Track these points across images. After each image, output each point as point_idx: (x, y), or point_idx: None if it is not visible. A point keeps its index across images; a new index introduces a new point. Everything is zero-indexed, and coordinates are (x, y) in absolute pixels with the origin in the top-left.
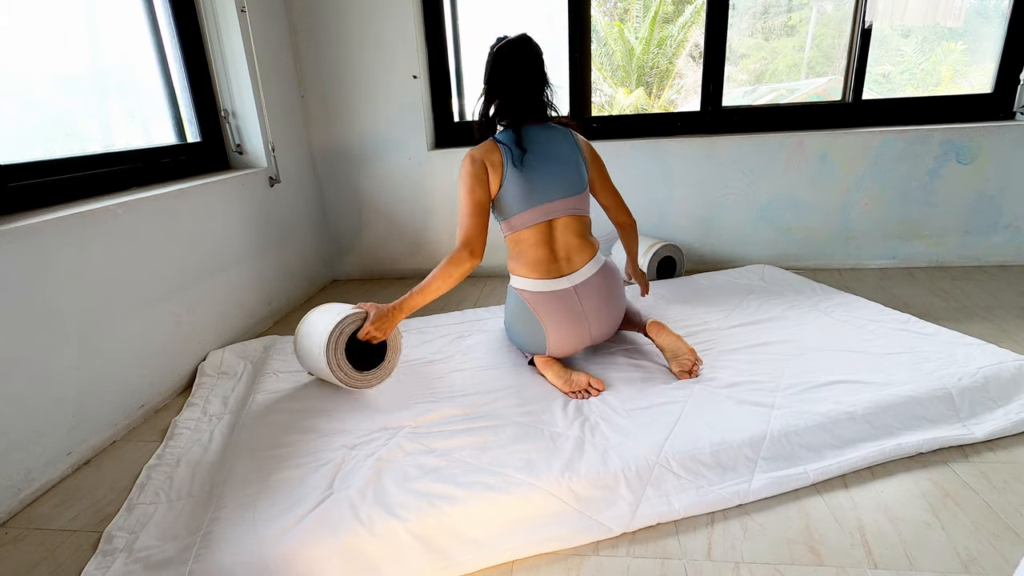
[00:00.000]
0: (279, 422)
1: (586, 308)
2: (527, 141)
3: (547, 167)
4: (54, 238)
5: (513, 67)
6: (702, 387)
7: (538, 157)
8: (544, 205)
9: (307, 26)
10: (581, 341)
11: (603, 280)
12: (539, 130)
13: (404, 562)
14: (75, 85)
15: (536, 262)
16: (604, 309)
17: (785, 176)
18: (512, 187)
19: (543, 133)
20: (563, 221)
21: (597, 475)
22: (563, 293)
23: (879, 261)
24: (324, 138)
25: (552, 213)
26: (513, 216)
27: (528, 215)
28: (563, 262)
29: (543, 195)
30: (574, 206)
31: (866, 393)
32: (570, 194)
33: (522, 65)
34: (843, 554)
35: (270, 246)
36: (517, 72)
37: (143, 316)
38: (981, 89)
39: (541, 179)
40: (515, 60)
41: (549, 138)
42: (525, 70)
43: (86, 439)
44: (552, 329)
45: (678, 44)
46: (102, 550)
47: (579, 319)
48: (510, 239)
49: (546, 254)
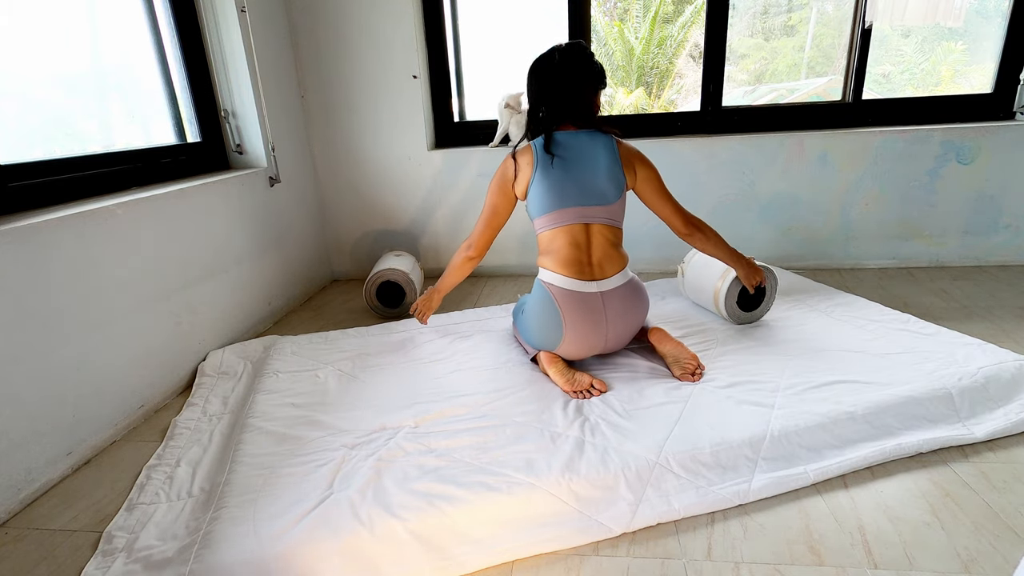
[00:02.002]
0: (279, 422)
1: (609, 315)
2: (562, 146)
3: (578, 173)
4: (54, 238)
5: (552, 73)
6: (702, 387)
7: (570, 162)
8: (579, 208)
9: (307, 26)
10: (595, 346)
11: (629, 292)
12: (576, 135)
13: (404, 562)
14: (75, 85)
15: (569, 260)
16: (625, 320)
17: (785, 176)
18: (541, 187)
19: (580, 139)
20: (598, 228)
21: (597, 475)
22: (591, 296)
23: (879, 261)
24: (324, 138)
25: (587, 218)
26: (544, 215)
27: (559, 215)
28: (595, 267)
29: (575, 199)
30: (608, 216)
31: (866, 393)
32: (606, 202)
33: (561, 72)
34: (843, 554)
35: (270, 246)
36: (555, 78)
37: (143, 316)
38: (981, 89)
39: (573, 183)
40: (554, 66)
41: (585, 144)
42: (563, 77)
43: (86, 439)
44: (571, 328)
45: (678, 44)
46: (102, 550)
47: (600, 324)
48: (543, 237)
49: (580, 255)
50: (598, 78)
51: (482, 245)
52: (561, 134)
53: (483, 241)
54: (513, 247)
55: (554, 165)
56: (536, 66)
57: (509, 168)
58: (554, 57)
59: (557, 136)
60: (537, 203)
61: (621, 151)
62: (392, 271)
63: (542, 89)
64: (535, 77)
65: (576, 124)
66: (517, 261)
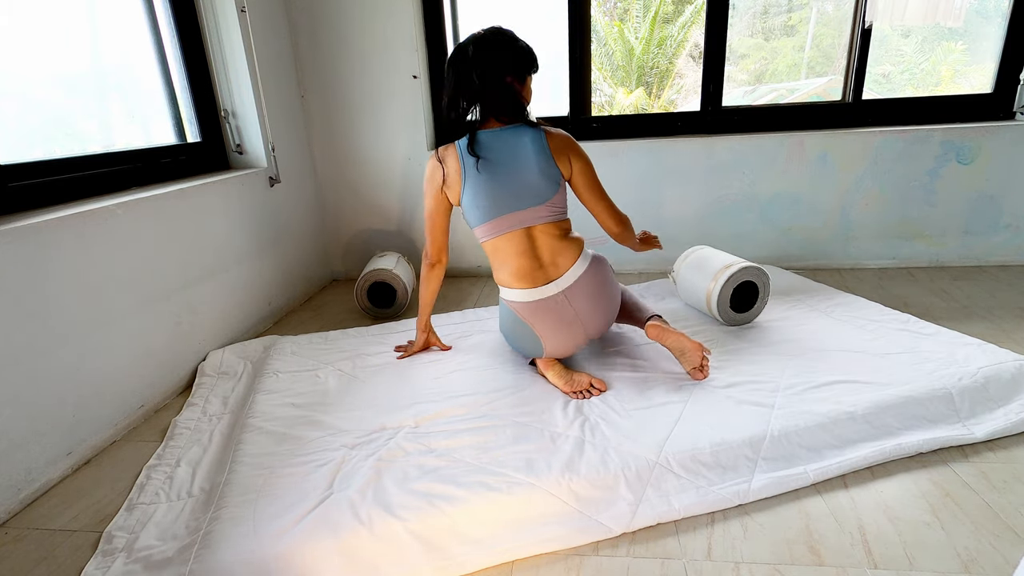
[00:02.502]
0: (279, 422)
1: (578, 310)
2: (486, 147)
3: (509, 175)
4: (54, 238)
5: (468, 66)
6: (702, 387)
7: (498, 165)
8: (514, 214)
9: (307, 26)
10: (577, 342)
11: (592, 278)
12: (501, 133)
13: (404, 562)
14: (75, 85)
15: (521, 272)
16: (596, 307)
17: (785, 176)
18: (472, 197)
19: (505, 137)
20: (541, 228)
21: (597, 475)
22: (552, 300)
23: (879, 261)
24: (324, 138)
25: (526, 221)
26: (481, 225)
27: (496, 224)
28: (549, 267)
29: (510, 204)
30: (547, 213)
31: (866, 393)
32: (539, 202)
33: (478, 64)
34: (843, 554)
35: (270, 246)
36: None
37: (143, 316)
38: (981, 89)
39: (504, 187)
40: (457, 63)
41: (511, 142)
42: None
43: (86, 439)
44: (546, 335)
45: (678, 44)
46: (102, 550)
47: (572, 322)
48: (486, 247)
49: (529, 262)
50: (525, 63)
51: (436, 251)
52: (485, 133)
53: (435, 248)
54: None
55: (481, 170)
56: (452, 59)
57: (437, 173)
58: (468, 48)
59: (481, 136)
60: (472, 213)
61: (552, 143)
62: (379, 272)
63: (459, 84)
64: (451, 70)
65: (500, 120)
66: None
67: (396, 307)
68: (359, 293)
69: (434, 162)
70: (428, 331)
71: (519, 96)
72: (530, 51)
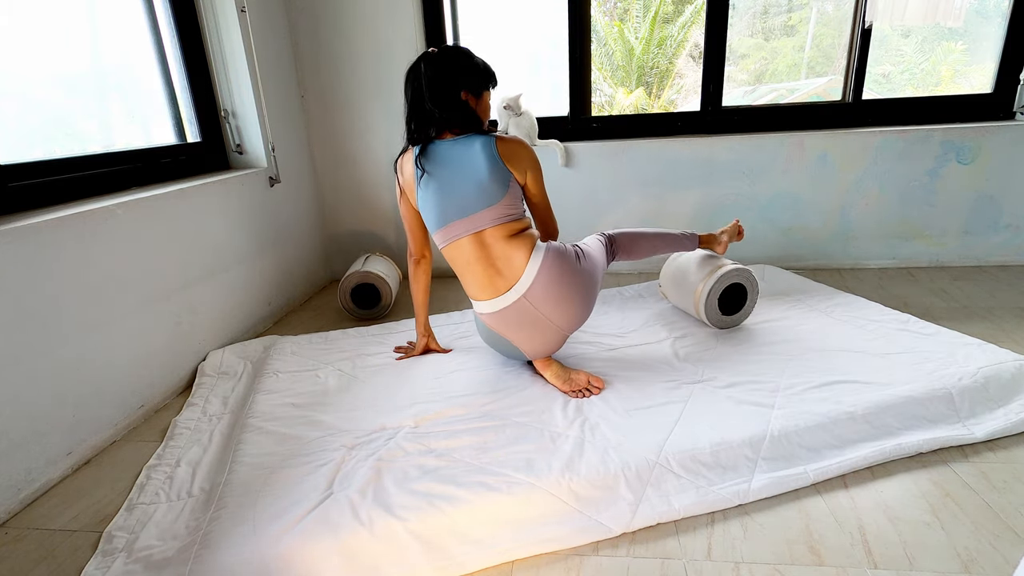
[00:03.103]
0: (279, 422)
1: (543, 311)
2: (438, 157)
3: (457, 183)
4: (54, 238)
5: (410, 86)
6: (702, 387)
7: (448, 172)
8: (461, 221)
9: (307, 26)
10: (555, 339)
11: (549, 273)
12: (454, 144)
13: (404, 562)
14: (75, 85)
15: (480, 282)
16: (561, 304)
17: (785, 176)
18: (424, 203)
19: (456, 147)
20: (490, 232)
21: (597, 475)
22: (515, 306)
23: (879, 261)
24: (324, 138)
25: (474, 227)
26: (435, 232)
27: (447, 231)
28: (506, 271)
29: (458, 211)
30: (498, 215)
31: (866, 393)
32: (489, 204)
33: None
34: (843, 554)
35: (270, 246)
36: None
37: (143, 316)
38: (981, 89)
39: (452, 195)
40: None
41: (461, 152)
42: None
43: (86, 439)
44: (521, 342)
45: (678, 44)
46: (102, 550)
47: (541, 323)
48: (444, 253)
49: (485, 270)
50: (481, 80)
51: (418, 248)
52: (440, 144)
53: (416, 244)
54: None
55: (432, 179)
56: (408, 75)
57: (398, 180)
58: (420, 65)
59: (435, 147)
60: (426, 219)
61: (502, 149)
62: (359, 273)
63: (414, 98)
64: (408, 86)
65: (453, 132)
66: None
67: (381, 308)
68: (343, 295)
69: (397, 170)
70: (428, 335)
71: (472, 111)
72: (486, 68)
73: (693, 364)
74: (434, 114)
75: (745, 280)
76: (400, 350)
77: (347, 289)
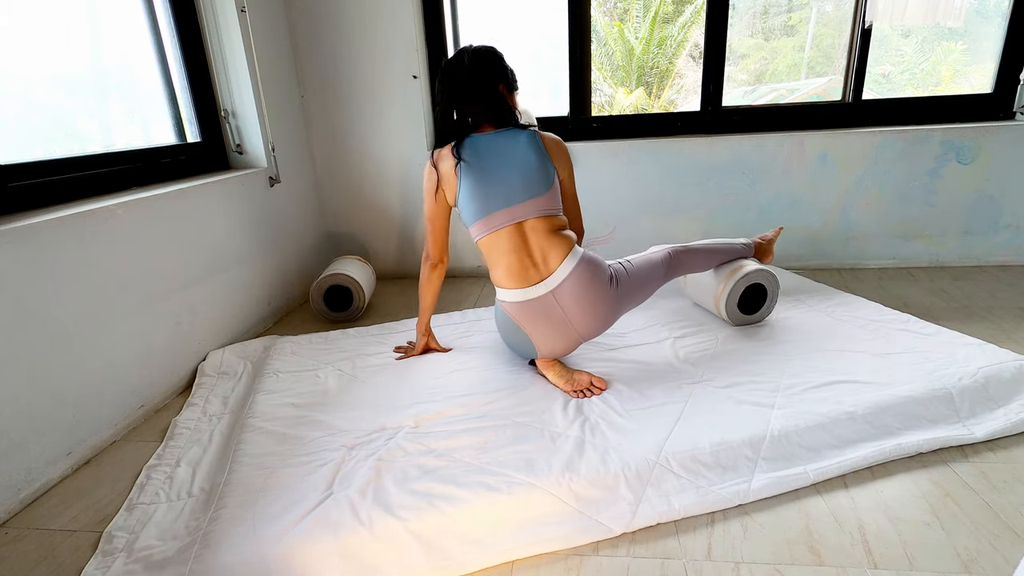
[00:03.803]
0: (279, 422)
1: (567, 312)
2: (483, 148)
3: (504, 172)
4: (54, 238)
5: (464, 73)
6: (702, 387)
7: (492, 163)
8: (507, 210)
9: (307, 26)
10: (570, 342)
11: (580, 278)
12: (496, 136)
13: (404, 562)
14: (75, 85)
15: (513, 270)
16: (584, 309)
17: (785, 176)
18: (468, 194)
19: (500, 139)
20: (532, 223)
21: (597, 475)
22: (541, 301)
23: (879, 261)
24: (324, 138)
25: (518, 217)
26: (475, 222)
27: (489, 220)
28: (540, 265)
29: (502, 200)
30: (542, 207)
31: (866, 393)
32: (534, 195)
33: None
34: (843, 554)
35: (270, 246)
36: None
37: (143, 316)
38: (981, 89)
39: (498, 185)
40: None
41: (507, 144)
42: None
43: (86, 439)
44: (536, 337)
45: (678, 44)
46: (102, 550)
47: (562, 323)
48: (481, 245)
49: (521, 260)
50: (513, 79)
51: (437, 252)
52: (480, 136)
53: (437, 249)
54: None
55: (476, 169)
56: (447, 67)
57: (432, 176)
58: (463, 58)
59: (476, 139)
60: (467, 210)
61: (546, 143)
62: (334, 276)
63: (455, 90)
64: (447, 78)
65: (494, 125)
66: None
67: (353, 310)
68: (315, 297)
69: (429, 166)
70: (428, 335)
71: (510, 105)
72: (514, 73)
73: (693, 364)
74: (476, 104)
75: (766, 281)
76: (400, 350)
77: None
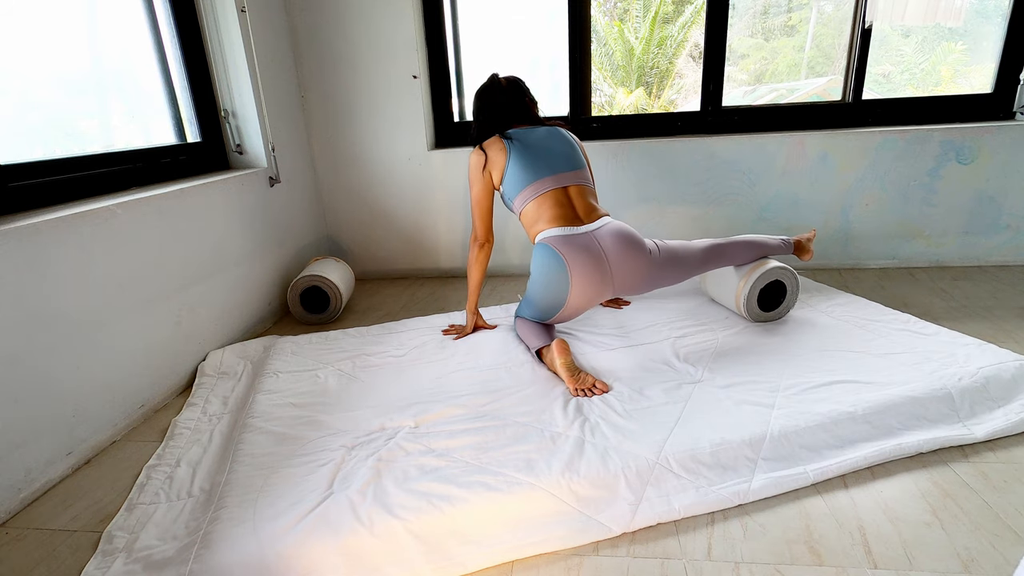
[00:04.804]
0: (279, 422)
1: (606, 251)
2: (522, 134)
3: (551, 146)
4: (54, 238)
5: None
6: (702, 387)
7: (537, 141)
8: (553, 176)
9: (307, 26)
10: (603, 283)
11: (620, 231)
12: (529, 128)
13: (404, 562)
14: (75, 85)
15: (557, 215)
16: (622, 252)
17: (785, 176)
18: (517, 167)
19: (534, 129)
20: (575, 189)
21: (597, 475)
22: (585, 236)
23: (879, 261)
24: (324, 138)
25: (563, 182)
26: (523, 191)
27: (538, 186)
28: (583, 216)
29: (549, 168)
30: (580, 178)
31: (866, 393)
32: (575, 168)
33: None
34: (843, 554)
35: (270, 246)
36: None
37: (143, 316)
38: (981, 89)
39: (546, 155)
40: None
41: (542, 132)
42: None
43: (86, 439)
44: (576, 269)
45: (678, 44)
46: (102, 550)
47: (601, 260)
48: (527, 212)
49: (566, 212)
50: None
51: (484, 232)
52: (518, 129)
53: (484, 229)
54: (515, 248)
55: (525, 144)
56: (485, 88)
57: (480, 160)
58: (497, 79)
59: (515, 132)
60: (514, 182)
61: (571, 135)
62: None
63: (495, 101)
64: (487, 94)
65: (525, 124)
66: (519, 261)
67: (330, 312)
68: (292, 299)
69: (477, 152)
70: (477, 315)
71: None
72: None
73: (693, 364)
74: (514, 108)
75: (786, 278)
76: (451, 330)
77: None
